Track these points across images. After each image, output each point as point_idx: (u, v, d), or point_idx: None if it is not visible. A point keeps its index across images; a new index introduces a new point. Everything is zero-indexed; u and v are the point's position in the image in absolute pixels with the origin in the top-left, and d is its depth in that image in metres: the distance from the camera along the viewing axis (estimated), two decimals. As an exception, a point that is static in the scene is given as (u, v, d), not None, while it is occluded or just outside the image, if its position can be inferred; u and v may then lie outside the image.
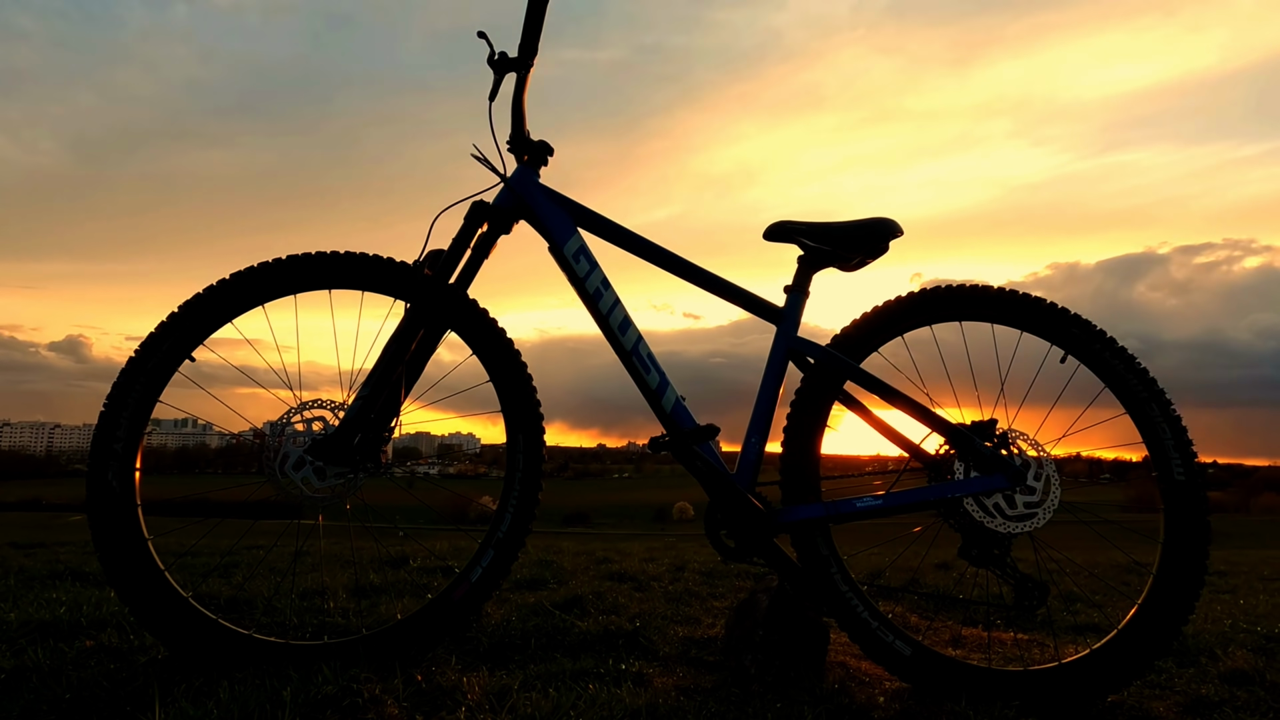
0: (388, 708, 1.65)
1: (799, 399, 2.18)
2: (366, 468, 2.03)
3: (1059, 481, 2.07)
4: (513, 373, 2.19)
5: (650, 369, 2.14)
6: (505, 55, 2.21)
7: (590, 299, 2.16)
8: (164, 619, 1.92)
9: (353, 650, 1.97)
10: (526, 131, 2.23)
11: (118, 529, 1.92)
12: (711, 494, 2.10)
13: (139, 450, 1.97)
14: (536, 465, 2.18)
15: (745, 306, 2.23)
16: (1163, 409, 2.11)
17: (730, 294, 2.22)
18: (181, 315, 2.00)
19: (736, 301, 2.23)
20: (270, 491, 2.00)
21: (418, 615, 2.08)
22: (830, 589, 2.10)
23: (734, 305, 2.24)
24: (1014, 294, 2.18)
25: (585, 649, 2.24)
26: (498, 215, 2.16)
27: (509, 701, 1.71)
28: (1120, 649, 2.04)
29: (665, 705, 1.77)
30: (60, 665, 1.89)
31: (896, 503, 2.11)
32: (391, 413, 2.06)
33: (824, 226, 2.17)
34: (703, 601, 3.07)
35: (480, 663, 2.06)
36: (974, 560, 2.09)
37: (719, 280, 2.22)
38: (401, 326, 2.07)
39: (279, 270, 2.06)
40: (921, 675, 2.05)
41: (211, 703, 1.59)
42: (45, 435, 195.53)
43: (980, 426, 2.12)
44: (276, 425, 2.03)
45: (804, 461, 2.15)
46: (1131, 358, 2.13)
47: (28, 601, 2.57)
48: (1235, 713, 1.94)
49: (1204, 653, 2.48)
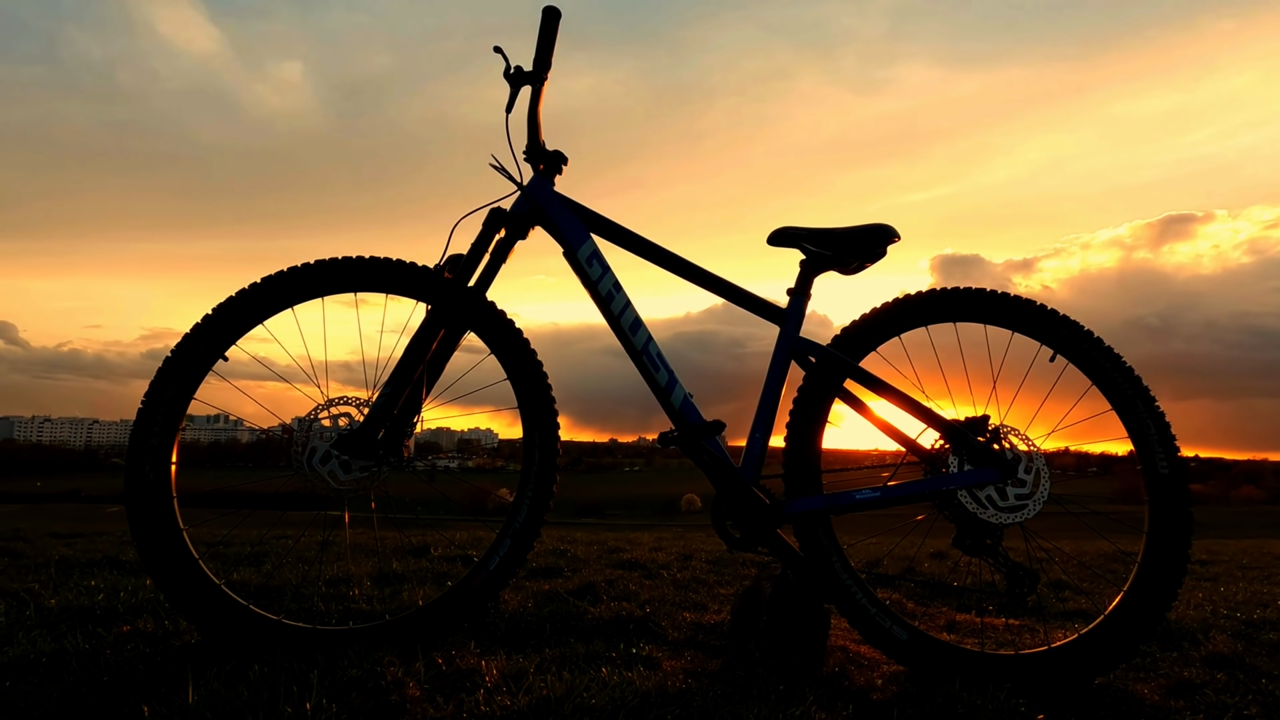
0: (409, 689, 1.65)
1: (801, 396, 2.17)
2: (390, 461, 2.03)
3: (1048, 475, 2.06)
4: (529, 371, 2.19)
5: (660, 367, 2.13)
6: (520, 69, 2.21)
7: (603, 301, 2.16)
8: (198, 605, 1.93)
9: (377, 635, 1.98)
10: (542, 142, 2.22)
11: (154, 520, 1.92)
12: (718, 486, 2.09)
13: (174, 445, 1.97)
14: (551, 459, 2.18)
15: (750, 308, 2.22)
16: (1147, 405, 2.10)
17: (735, 296, 2.21)
18: (215, 317, 2.00)
19: (741, 303, 2.22)
20: (298, 484, 2.01)
21: (438, 602, 2.08)
22: (831, 577, 2.09)
23: (739, 307, 2.23)
24: (1006, 296, 2.17)
25: (598, 634, 2.24)
26: (515, 222, 2.16)
27: (525, 683, 1.71)
28: (1107, 634, 2.03)
29: (674, 687, 1.76)
30: (98, 649, 1.89)
31: (894, 495, 2.10)
32: (414, 409, 2.06)
33: (825, 232, 2.16)
34: (709, 589, 3.06)
35: (498, 647, 2.06)
36: (967, 550, 2.08)
37: (725, 283, 2.21)
38: (423, 327, 2.07)
39: (307, 275, 2.06)
40: (917, 659, 2.05)
41: (242, 684, 1.59)
42: (84, 430, 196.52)
43: (974, 422, 2.11)
44: (304, 421, 2.03)
45: (806, 455, 2.14)
46: (1117, 357, 2.12)
47: (67, 589, 2.58)
48: (1216, 694, 1.93)
49: (1186, 637, 2.47)
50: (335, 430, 2.02)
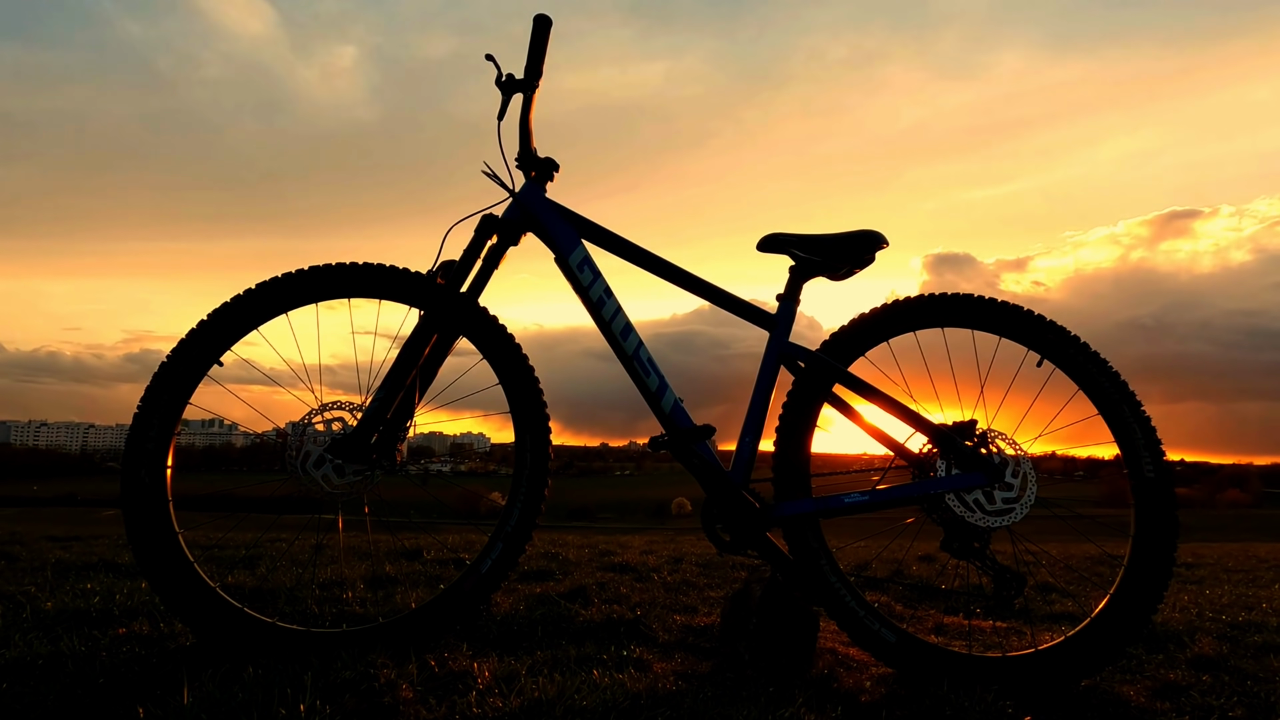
0: (403, 691, 1.65)
1: (790, 401, 2.17)
2: (383, 465, 2.04)
3: (1035, 478, 2.07)
4: (521, 376, 2.19)
5: (650, 372, 2.14)
6: (512, 77, 2.21)
7: (594, 307, 2.16)
8: (193, 608, 1.92)
9: (370, 638, 1.97)
10: (533, 149, 2.23)
11: (150, 523, 1.92)
12: (708, 490, 2.10)
13: (170, 449, 1.97)
14: (543, 463, 2.18)
15: (739, 313, 2.23)
16: (1133, 410, 2.11)
17: (725, 301, 2.22)
18: (210, 323, 2.00)
19: (731, 308, 2.23)
20: (292, 488, 2.00)
21: (431, 605, 2.08)
22: (820, 580, 2.10)
23: (728, 312, 2.24)
24: (993, 302, 2.18)
25: (589, 636, 2.24)
26: (507, 228, 2.16)
27: (517, 685, 1.71)
28: (1093, 636, 2.04)
29: (664, 689, 1.77)
30: (94, 652, 1.88)
31: (882, 499, 2.11)
32: (406, 414, 2.07)
33: (814, 238, 2.17)
34: (700, 591, 3.07)
35: (490, 649, 2.06)
36: (955, 553, 2.09)
37: (714, 289, 2.22)
38: (415, 332, 2.07)
39: (301, 281, 2.06)
40: (906, 661, 2.05)
41: (237, 686, 1.59)
42: (80, 435, 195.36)
43: (961, 427, 2.12)
44: (298, 425, 2.03)
45: (795, 459, 2.15)
46: (1104, 362, 2.13)
47: (64, 591, 2.57)
48: (1202, 696, 1.93)
49: (1172, 640, 2.48)
50: (329, 434, 2.02)
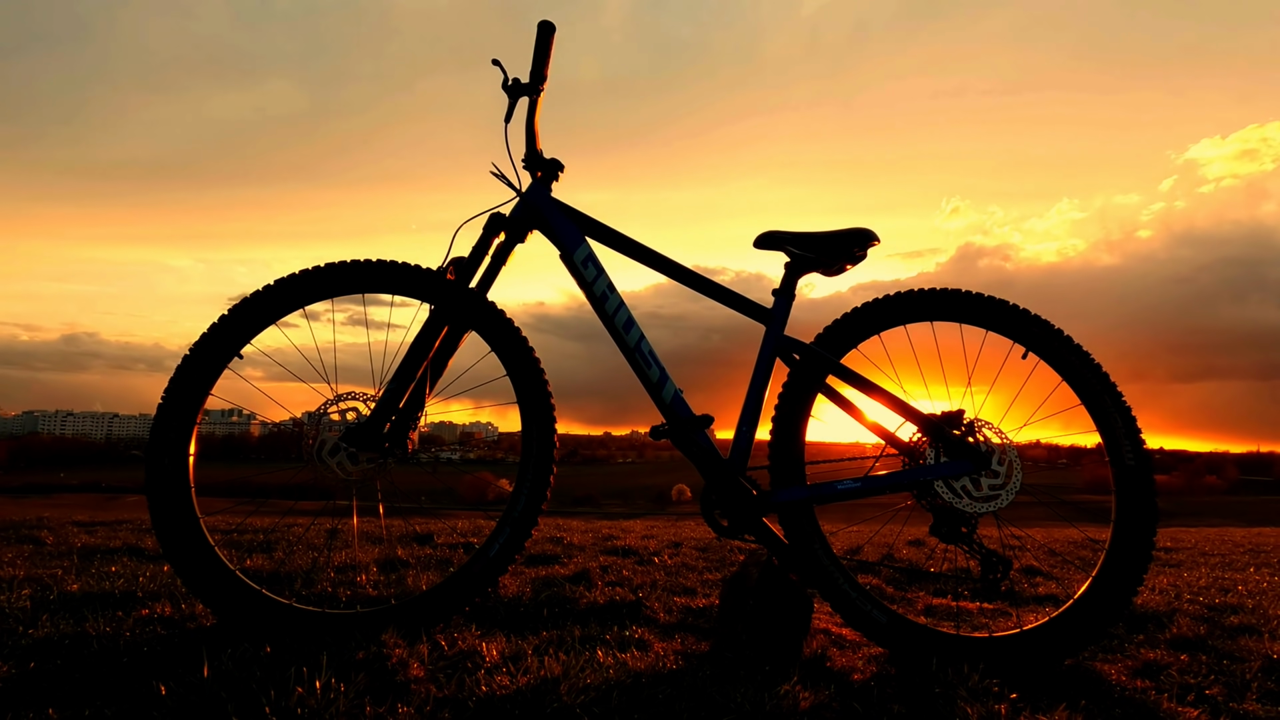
0: (413, 669, 1.66)
1: (786, 391, 2.17)
2: (395, 453, 2.04)
3: (1020, 466, 2.07)
4: (527, 368, 2.19)
5: (651, 364, 2.14)
6: (518, 81, 2.21)
7: (597, 301, 2.16)
8: (214, 590, 1.93)
9: (382, 618, 1.98)
10: (539, 150, 2.22)
11: (173, 509, 1.92)
12: (707, 477, 2.10)
13: (192, 438, 1.97)
14: (548, 451, 2.18)
15: (736, 308, 2.23)
16: (1115, 400, 2.11)
17: (722, 296, 2.21)
18: (230, 317, 2.00)
19: (728, 303, 2.22)
20: (308, 475, 2.01)
21: (441, 587, 2.09)
22: (814, 563, 2.10)
23: (726, 306, 2.23)
24: (980, 296, 2.18)
25: (592, 617, 2.25)
26: (513, 226, 2.16)
27: (524, 664, 1.71)
28: (1076, 617, 2.04)
29: (665, 668, 1.77)
30: (118, 632, 1.89)
31: (874, 485, 2.11)
32: (418, 404, 2.07)
33: (809, 235, 2.17)
34: (699, 574, 3.07)
35: (497, 629, 2.06)
36: (944, 537, 2.09)
37: (712, 284, 2.21)
38: (426, 326, 2.07)
39: (318, 277, 2.06)
40: (896, 641, 2.05)
41: (255, 665, 1.59)
42: (105, 424, 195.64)
43: (949, 416, 2.12)
44: (314, 415, 2.03)
45: (790, 448, 2.14)
46: (1086, 354, 2.13)
47: (89, 574, 2.58)
48: (1180, 674, 1.94)
49: (1152, 621, 2.48)
50: (344, 424, 2.02)
